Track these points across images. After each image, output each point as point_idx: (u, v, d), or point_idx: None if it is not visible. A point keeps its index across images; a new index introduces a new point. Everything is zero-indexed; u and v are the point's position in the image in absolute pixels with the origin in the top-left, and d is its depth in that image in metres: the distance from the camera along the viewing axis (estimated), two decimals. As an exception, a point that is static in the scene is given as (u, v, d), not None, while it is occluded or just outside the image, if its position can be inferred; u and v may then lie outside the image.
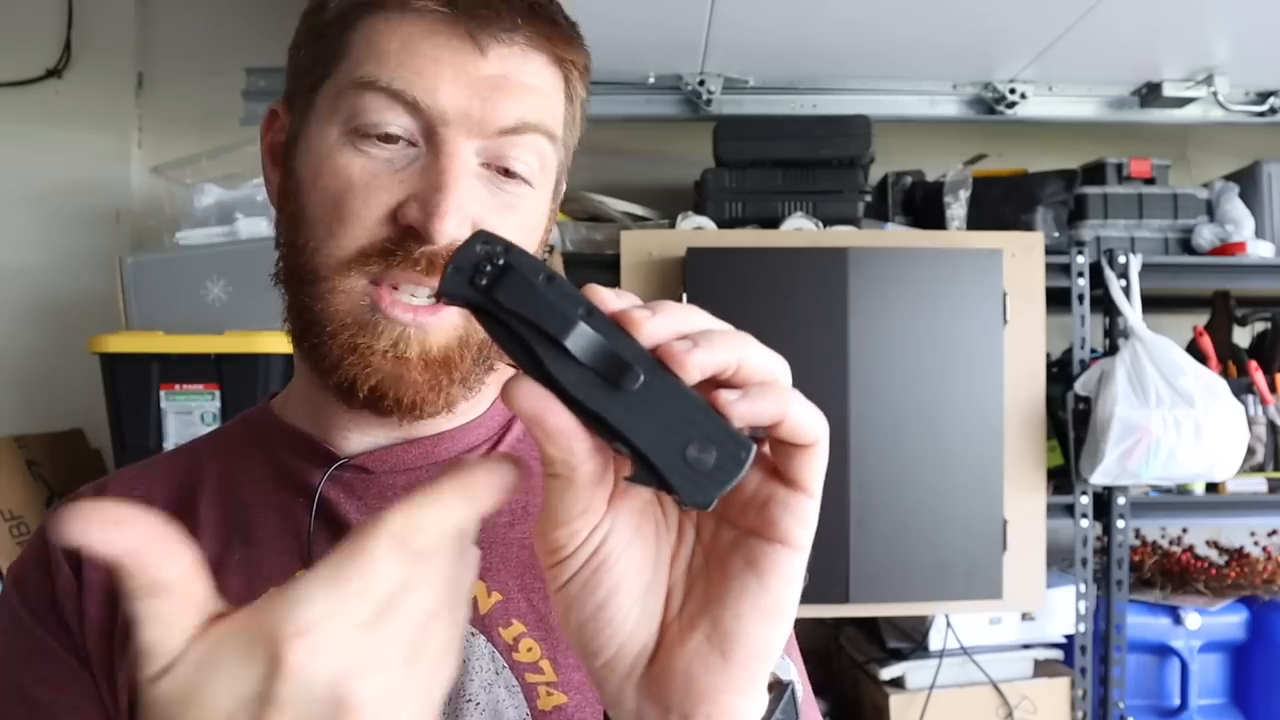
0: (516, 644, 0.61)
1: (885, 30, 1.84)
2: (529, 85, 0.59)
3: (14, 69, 2.25)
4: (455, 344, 0.61)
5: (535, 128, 0.60)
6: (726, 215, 1.93)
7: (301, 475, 0.65)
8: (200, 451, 0.71)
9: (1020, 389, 1.82)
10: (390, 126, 0.58)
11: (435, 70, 0.58)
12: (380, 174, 0.59)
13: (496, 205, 0.60)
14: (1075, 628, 1.90)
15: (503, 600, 0.62)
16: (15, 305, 2.25)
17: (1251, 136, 2.28)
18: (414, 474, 0.65)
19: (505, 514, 0.66)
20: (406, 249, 0.58)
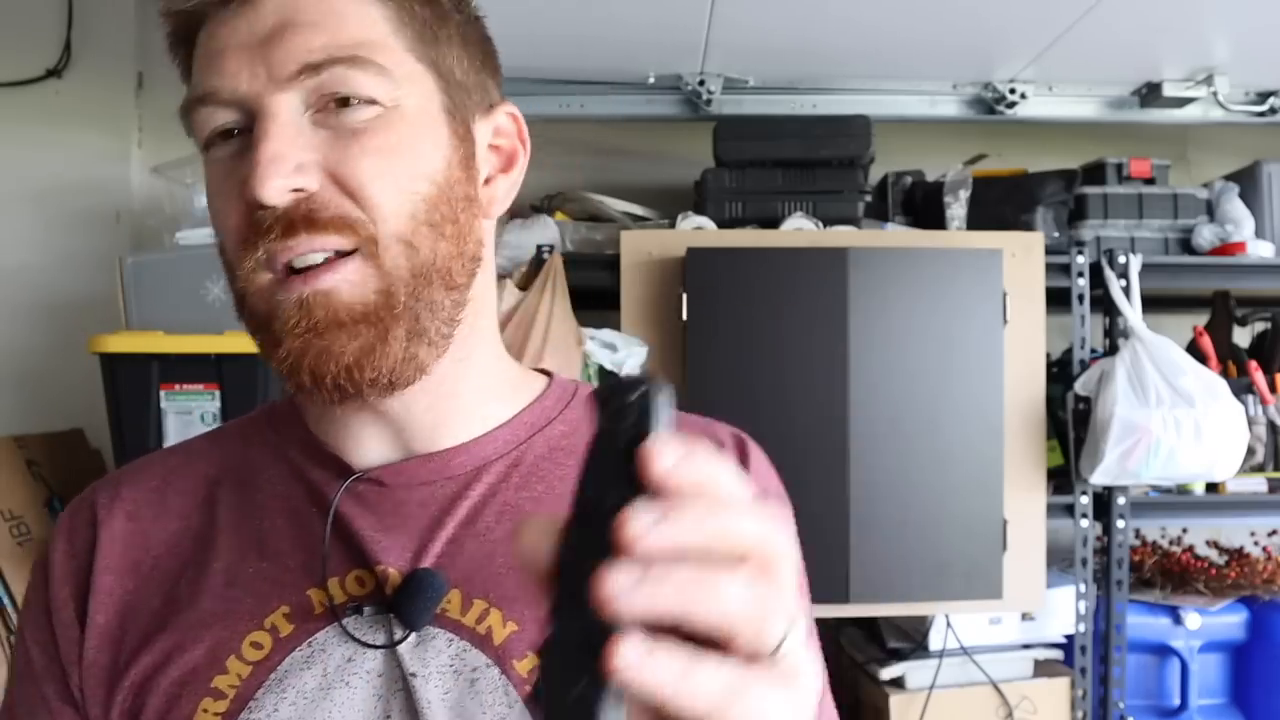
0: (531, 677, 0.59)
1: (885, 30, 1.84)
2: (308, 22, 0.57)
3: (14, 69, 2.25)
4: (372, 295, 0.58)
5: (331, 59, 0.57)
6: (726, 215, 1.93)
7: (317, 484, 0.64)
8: (227, 439, 0.70)
9: (1020, 389, 1.82)
10: (217, 124, 0.59)
11: (225, 58, 0.57)
12: (224, 175, 0.59)
13: (341, 137, 0.57)
14: (1075, 628, 1.90)
15: (518, 630, 0.60)
16: (15, 305, 2.25)
17: (1251, 136, 2.28)
18: (429, 488, 0.63)
19: None
20: (255, 223, 0.57)
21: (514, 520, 0.63)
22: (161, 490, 0.67)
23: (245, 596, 0.61)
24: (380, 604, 0.60)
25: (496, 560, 0.62)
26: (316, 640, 0.60)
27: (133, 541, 0.65)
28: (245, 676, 0.59)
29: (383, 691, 0.59)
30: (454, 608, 0.60)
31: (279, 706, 0.58)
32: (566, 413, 0.69)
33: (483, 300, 0.65)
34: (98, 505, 0.66)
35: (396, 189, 0.58)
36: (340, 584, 0.61)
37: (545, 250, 1.81)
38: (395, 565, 0.60)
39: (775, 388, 1.73)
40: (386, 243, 0.58)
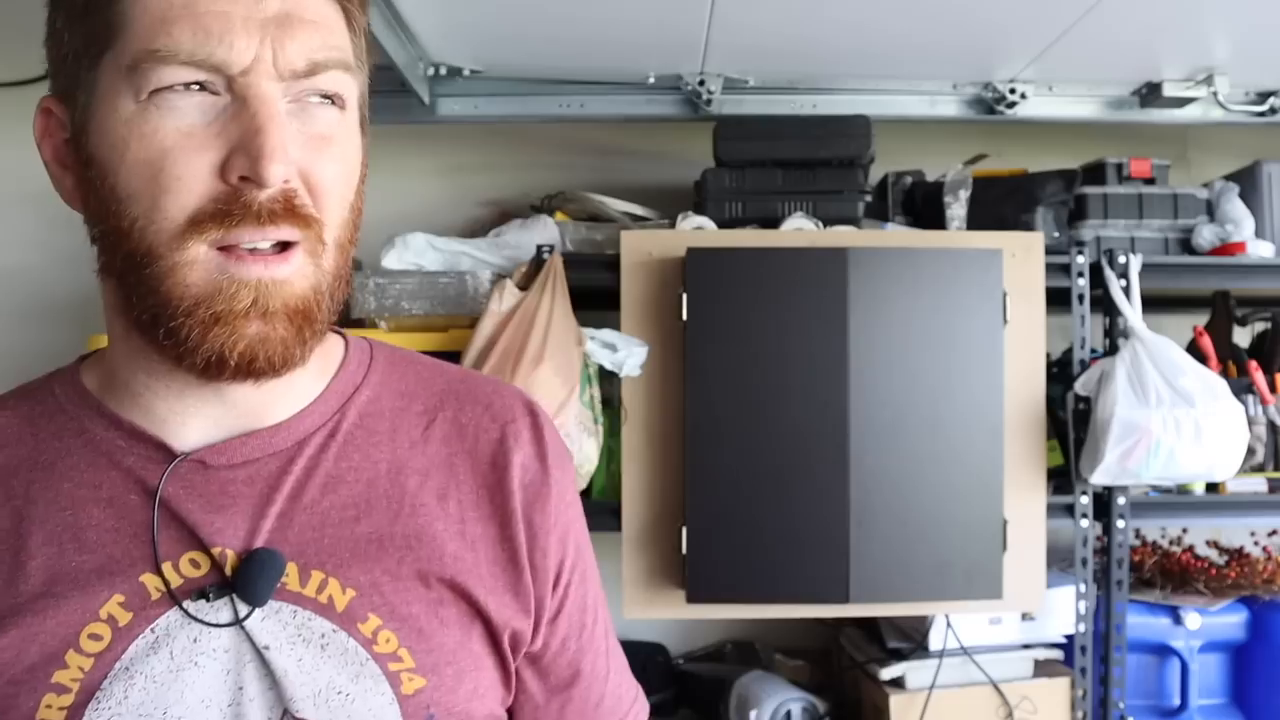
0: (375, 636, 0.63)
1: (885, 30, 1.84)
2: (311, 20, 0.59)
3: (14, 69, 2.25)
4: (310, 292, 0.61)
5: (327, 64, 0.59)
6: (726, 215, 1.93)
7: (134, 468, 0.63)
8: (7, 425, 0.67)
9: (1020, 389, 1.82)
10: (181, 79, 0.57)
11: (225, 25, 0.56)
12: (195, 131, 0.57)
13: (314, 138, 0.60)
14: (1075, 628, 1.90)
15: (358, 596, 0.64)
16: (15, 305, 2.25)
17: (1251, 136, 2.28)
18: (254, 466, 0.64)
19: (351, 509, 0.66)
20: (244, 204, 0.57)
21: (338, 489, 0.66)
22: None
23: (72, 591, 0.60)
24: (220, 584, 0.61)
25: (327, 531, 0.64)
26: (159, 625, 0.61)
27: None
28: (88, 669, 0.59)
29: (232, 666, 0.61)
30: (293, 580, 0.63)
31: (129, 693, 0.59)
32: (369, 377, 0.71)
33: None
34: None
35: (341, 197, 0.61)
36: (174, 567, 0.62)
37: (545, 250, 1.81)
38: (231, 545, 0.62)
39: (775, 388, 1.73)
40: (329, 245, 0.61)
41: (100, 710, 0.59)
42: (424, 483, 0.68)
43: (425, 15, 1.77)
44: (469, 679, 0.66)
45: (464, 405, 0.72)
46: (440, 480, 0.68)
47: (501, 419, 0.72)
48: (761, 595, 1.75)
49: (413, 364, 0.75)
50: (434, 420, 0.70)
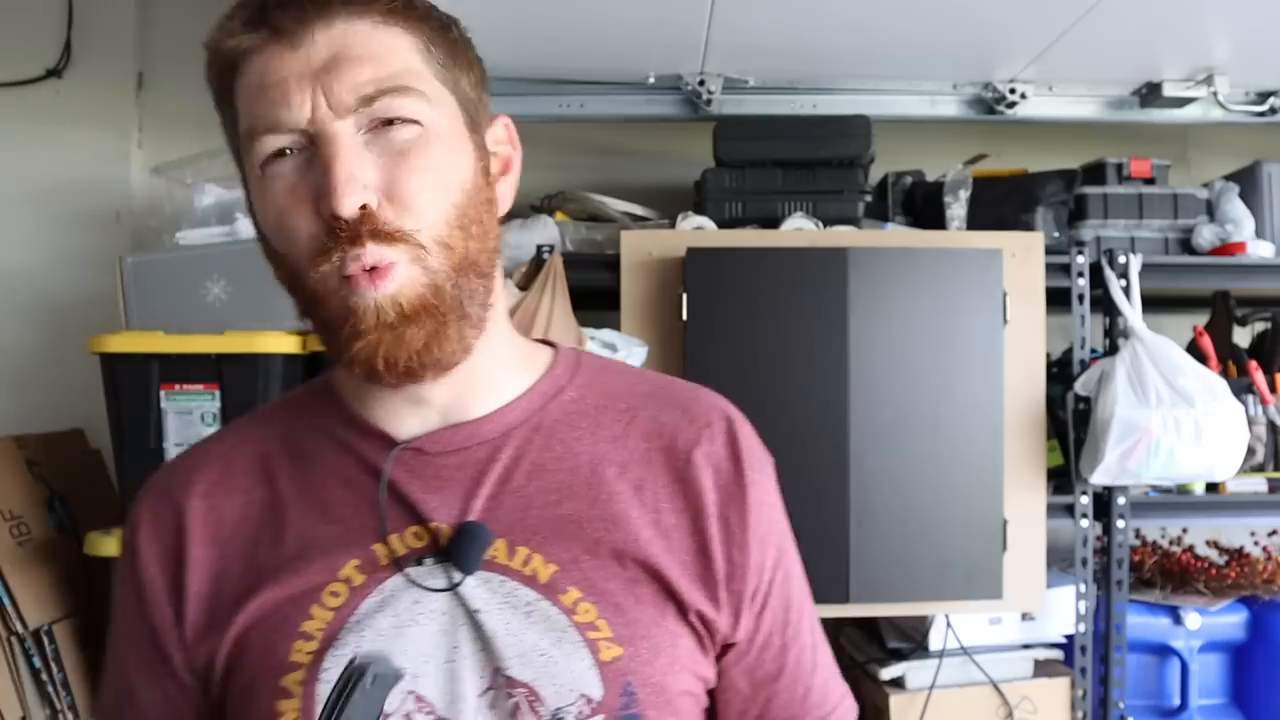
0: (576, 607, 0.70)
1: (885, 30, 1.84)
2: (358, 57, 0.66)
3: (14, 69, 2.25)
4: (427, 291, 0.67)
5: (378, 93, 0.66)
6: (726, 215, 1.93)
7: (366, 455, 0.74)
8: (271, 421, 0.80)
9: (1020, 389, 1.82)
10: (278, 146, 0.67)
11: (283, 90, 0.66)
12: (296, 186, 0.67)
13: (392, 156, 0.67)
14: (1075, 628, 1.90)
15: (559, 570, 0.71)
16: (15, 305, 2.24)
17: (1251, 136, 2.28)
18: (464, 453, 0.73)
19: (553, 493, 0.73)
20: (335, 234, 0.65)
21: (543, 475, 0.74)
22: (225, 471, 0.77)
23: (319, 555, 0.71)
24: (437, 554, 0.71)
25: (531, 512, 0.72)
26: (386, 587, 0.71)
27: (210, 517, 0.75)
28: (329, 621, 0.70)
29: (448, 627, 0.70)
30: (501, 554, 0.71)
31: (360, 644, 0.69)
32: (575, 379, 0.79)
33: (498, 288, 0.75)
34: (174, 491, 0.77)
35: (435, 200, 0.68)
36: (400, 539, 0.72)
37: (545, 250, 1.81)
38: (445, 521, 0.71)
39: (775, 388, 1.73)
40: (431, 246, 0.67)
41: (338, 656, 0.69)
42: (622, 474, 0.75)
43: (425, 15, 1.77)
44: (665, 654, 0.72)
45: (664, 407, 0.79)
46: (638, 473, 0.75)
47: (698, 422, 0.78)
48: (761, 595, 1.75)
49: (618, 371, 0.84)
50: (635, 418, 0.78)
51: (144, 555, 0.76)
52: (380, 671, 0.60)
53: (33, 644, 1.81)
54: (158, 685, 0.75)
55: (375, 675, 0.59)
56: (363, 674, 0.58)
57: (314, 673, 0.69)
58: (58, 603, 1.88)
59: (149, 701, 0.75)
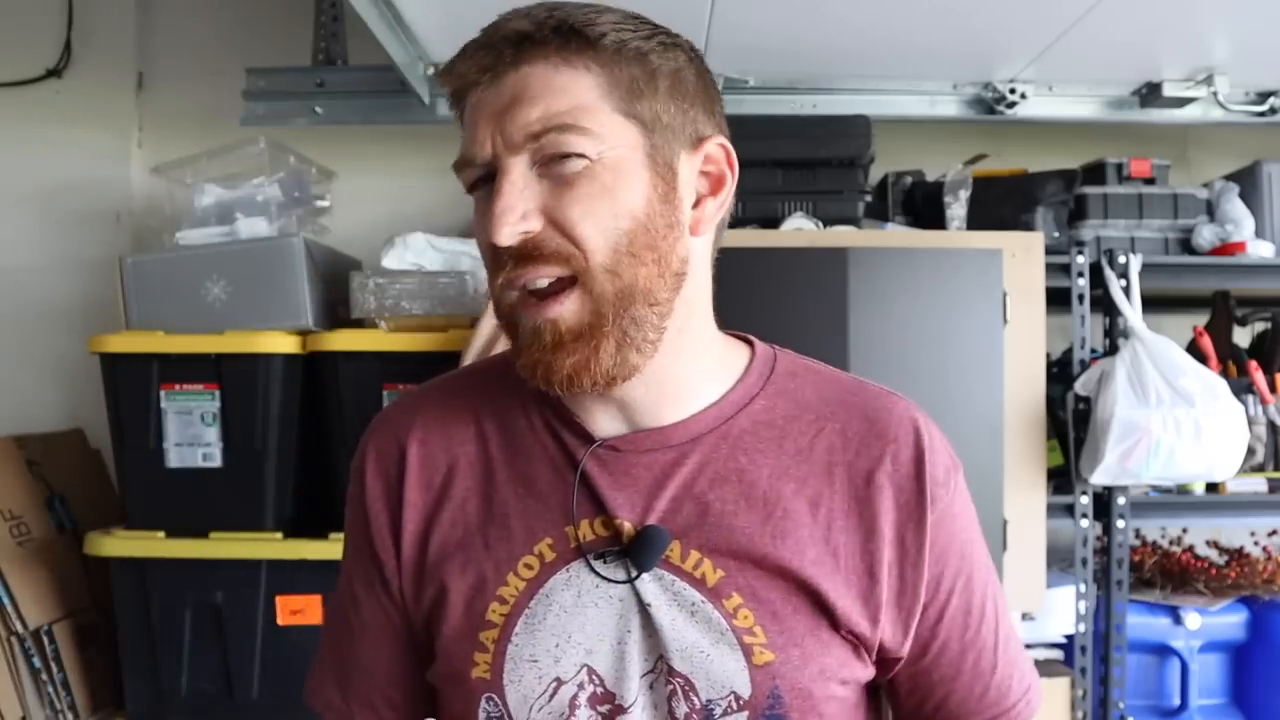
0: (736, 612, 0.76)
1: (885, 30, 1.84)
2: (532, 98, 0.72)
3: (14, 69, 2.25)
4: (588, 317, 0.73)
5: (544, 130, 0.72)
6: (726, 215, 1.92)
7: (568, 444, 0.80)
8: (483, 381, 0.86)
9: (1020, 389, 1.82)
10: (475, 176, 0.75)
11: (474, 128, 0.74)
12: (481, 214, 0.75)
13: (559, 187, 0.72)
14: (1075, 628, 1.90)
15: (725, 576, 0.76)
16: (15, 305, 2.25)
17: (1251, 136, 2.28)
18: (653, 455, 0.78)
19: (731, 504, 0.77)
20: (499, 258, 0.74)
21: (723, 485, 0.78)
22: (443, 420, 0.84)
23: (520, 526, 0.79)
24: (617, 549, 0.77)
25: (709, 519, 0.77)
26: (572, 568, 0.77)
27: (425, 463, 0.82)
28: (521, 590, 0.77)
29: (623, 612, 0.77)
30: (675, 555, 0.77)
31: (546, 615, 0.77)
32: (767, 387, 0.83)
33: (694, 304, 0.80)
34: (398, 433, 0.84)
35: (600, 227, 0.72)
36: (589, 526, 0.78)
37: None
38: (628, 518, 0.77)
39: (775, 388, 1.73)
40: (595, 272, 0.72)
41: (527, 624, 0.77)
42: (800, 489, 0.78)
43: (425, 15, 1.77)
44: (815, 662, 0.76)
45: (852, 418, 0.81)
46: (815, 487, 0.79)
47: (885, 437, 0.81)
48: (761, 595, 1.75)
49: (811, 375, 0.86)
50: (822, 430, 0.81)
51: (370, 490, 0.83)
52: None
53: (33, 644, 1.81)
54: (378, 601, 0.84)
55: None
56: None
57: (506, 633, 0.77)
58: (58, 603, 1.88)
59: (369, 613, 0.84)
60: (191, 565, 1.80)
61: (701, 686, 0.76)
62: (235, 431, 1.81)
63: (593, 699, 0.76)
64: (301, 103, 2.07)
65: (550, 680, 0.76)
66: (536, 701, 0.76)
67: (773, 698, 0.76)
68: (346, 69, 2.13)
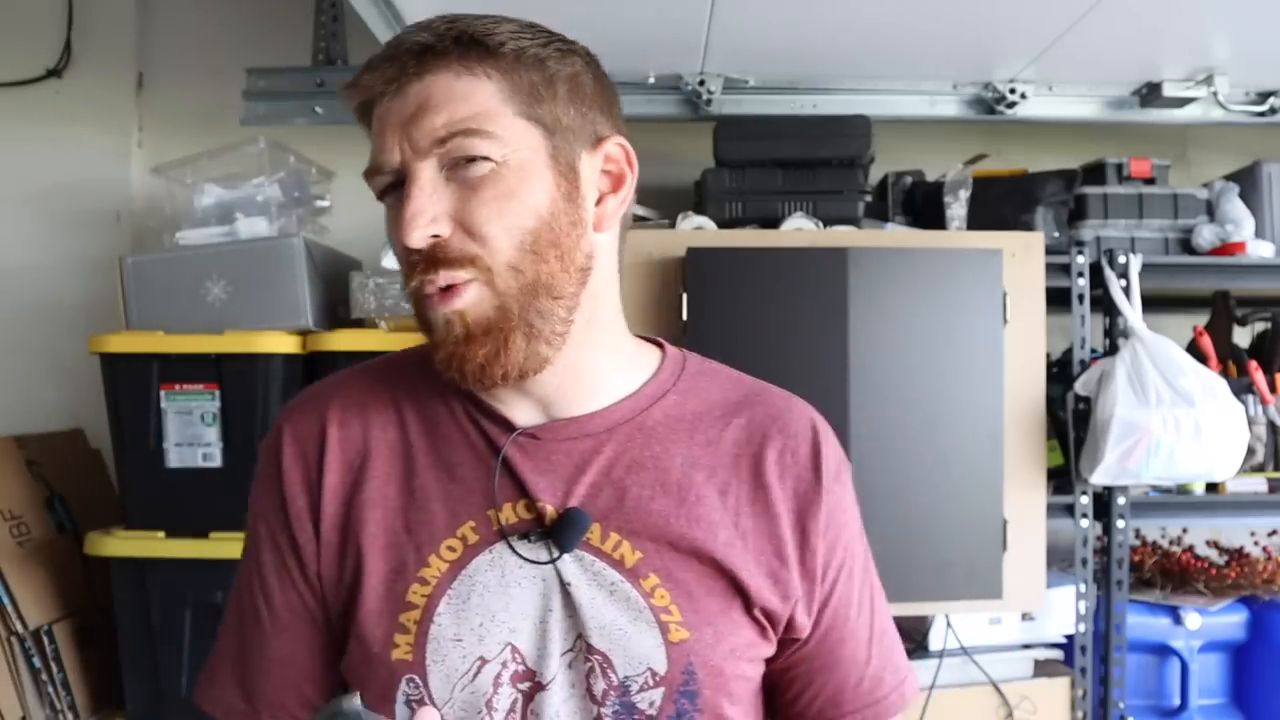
0: (653, 592, 0.79)
1: (885, 30, 1.84)
2: (437, 104, 0.75)
3: (14, 69, 2.25)
4: (492, 310, 0.76)
5: (449, 135, 0.75)
6: (726, 215, 1.93)
7: (489, 432, 0.82)
8: (401, 372, 0.87)
9: (1020, 389, 1.82)
10: (385, 184, 0.78)
11: (382, 136, 0.77)
12: (392, 220, 0.78)
13: (466, 190, 0.75)
14: (1075, 628, 1.90)
15: (643, 558, 0.80)
16: (15, 305, 2.25)
17: (1251, 136, 2.28)
18: (573, 444, 0.82)
19: (648, 489, 0.81)
20: (410, 261, 0.76)
21: (640, 472, 0.82)
22: (362, 405, 0.85)
23: (442, 510, 0.80)
24: (540, 531, 0.80)
25: (626, 504, 0.81)
26: (495, 549, 0.80)
27: (345, 445, 0.84)
28: (443, 571, 0.79)
29: (544, 592, 0.79)
30: (595, 537, 0.80)
31: (469, 595, 0.79)
32: (679, 384, 0.87)
33: (600, 296, 0.83)
34: (317, 416, 0.85)
35: (505, 227, 0.75)
36: (512, 509, 0.80)
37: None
38: (550, 501, 0.80)
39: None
40: (499, 269, 0.75)
41: (449, 603, 0.79)
42: (710, 478, 0.83)
43: (425, 16, 1.77)
44: (726, 641, 0.80)
45: (756, 415, 0.86)
46: (724, 477, 0.83)
47: (786, 433, 0.86)
48: (761, 595, 1.75)
49: (718, 376, 0.90)
50: (729, 425, 0.85)
51: (289, 471, 0.84)
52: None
53: (33, 644, 1.81)
54: (294, 589, 0.83)
55: None
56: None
57: (429, 614, 0.79)
58: (58, 603, 1.88)
59: (283, 602, 0.84)
60: (191, 565, 1.80)
61: (619, 663, 0.79)
62: (235, 431, 1.81)
63: (514, 677, 0.79)
64: (301, 103, 2.07)
65: (474, 659, 0.78)
66: (460, 681, 0.78)
67: (687, 674, 0.79)
68: (346, 69, 2.13)
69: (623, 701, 0.79)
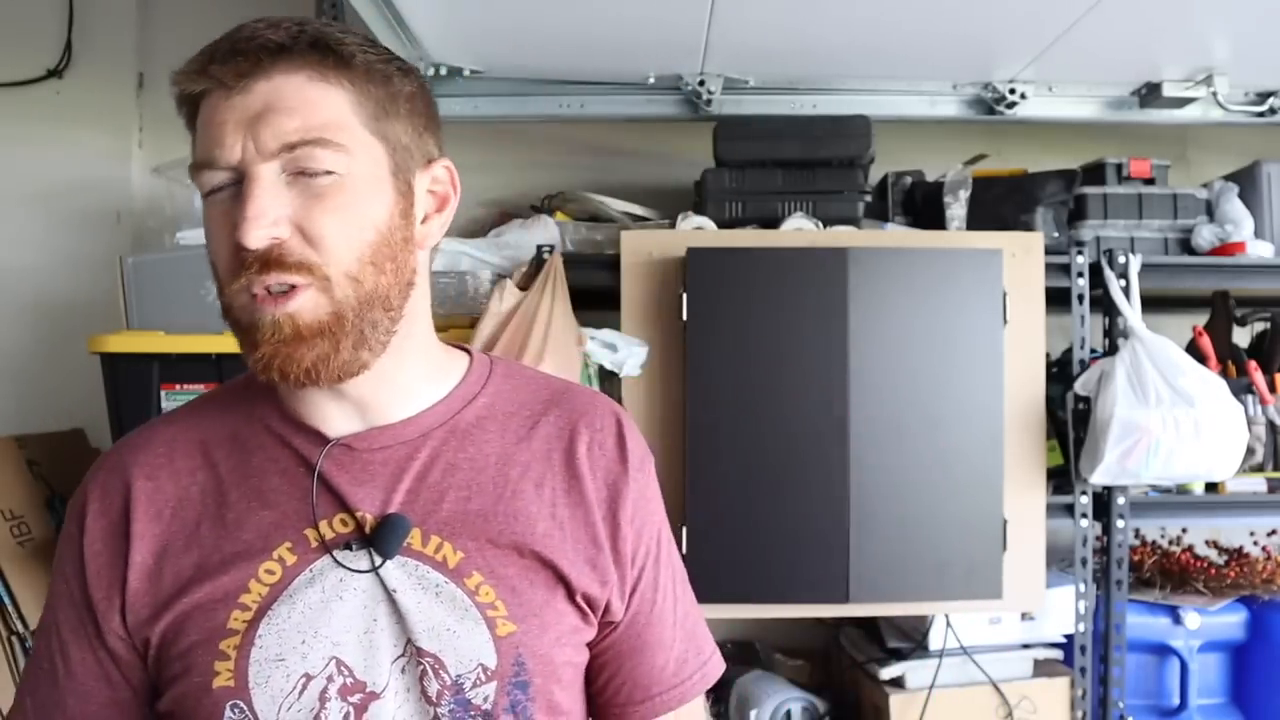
0: (478, 589, 0.81)
1: (885, 30, 1.84)
2: (288, 108, 0.74)
3: (14, 69, 2.25)
4: (326, 315, 0.76)
5: (300, 143, 0.74)
6: (726, 215, 1.93)
7: (300, 449, 0.83)
8: (208, 412, 0.88)
9: (1020, 389, 1.83)
10: (216, 181, 0.76)
11: (222, 131, 0.75)
12: (220, 217, 0.77)
13: (310, 199, 0.75)
14: (1075, 627, 1.90)
15: (465, 557, 0.81)
16: (15, 305, 2.24)
17: (1251, 136, 2.28)
18: (388, 451, 0.83)
19: (464, 489, 0.83)
20: (242, 260, 0.75)
21: (456, 473, 0.83)
22: (169, 455, 0.85)
23: (256, 537, 0.81)
24: (361, 540, 0.81)
25: (444, 506, 0.82)
26: (315, 567, 0.80)
27: (154, 497, 0.83)
28: (264, 594, 0.79)
29: (368, 603, 0.80)
30: (416, 541, 0.81)
31: (290, 615, 0.79)
32: (487, 387, 0.89)
33: (416, 312, 0.84)
34: (123, 470, 0.85)
35: (346, 238, 0.76)
36: (329, 524, 0.81)
37: (545, 250, 1.81)
38: (369, 511, 0.81)
39: (775, 388, 1.73)
40: (338, 279, 0.76)
41: (271, 625, 0.79)
42: (524, 473, 0.85)
43: (425, 15, 1.77)
44: (552, 630, 0.83)
45: (564, 411, 0.89)
46: (538, 471, 0.86)
47: (593, 427, 0.89)
48: (761, 595, 1.76)
49: (525, 377, 0.93)
50: (538, 423, 0.88)
51: (91, 529, 0.83)
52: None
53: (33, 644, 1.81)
54: (89, 648, 0.83)
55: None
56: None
57: (249, 638, 0.79)
58: (58, 602, 1.88)
59: (78, 660, 0.83)
60: (192, 565, 1.80)
61: (450, 663, 0.80)
62: (235, 431, 1.81)
63: (343, 690, 0.79)
64: (302, 103, 2.07)
65: (299, 677, 0.78)
66: (285, 700, 0.78)
67: (517, 665, 0.81)
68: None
69: (457, 699, 0.80)
